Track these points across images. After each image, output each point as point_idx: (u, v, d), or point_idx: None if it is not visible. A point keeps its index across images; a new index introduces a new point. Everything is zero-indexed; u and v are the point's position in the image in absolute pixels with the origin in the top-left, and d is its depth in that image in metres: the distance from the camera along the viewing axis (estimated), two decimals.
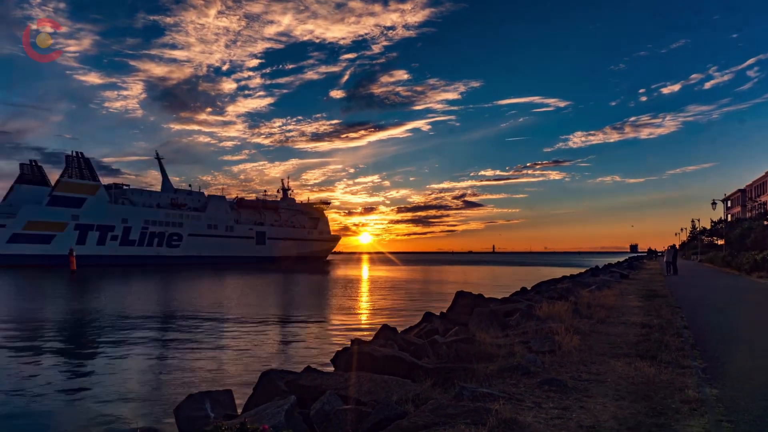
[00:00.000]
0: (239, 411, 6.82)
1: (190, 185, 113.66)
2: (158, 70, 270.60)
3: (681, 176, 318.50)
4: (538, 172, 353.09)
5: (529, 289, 25.38)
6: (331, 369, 8.98)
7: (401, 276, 65.61)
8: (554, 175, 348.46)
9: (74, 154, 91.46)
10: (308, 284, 50.66)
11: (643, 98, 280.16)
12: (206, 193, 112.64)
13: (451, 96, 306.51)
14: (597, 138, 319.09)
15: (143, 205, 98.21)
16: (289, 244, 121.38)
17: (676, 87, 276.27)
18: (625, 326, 11.27)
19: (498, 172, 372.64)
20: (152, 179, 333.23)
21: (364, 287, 46.07)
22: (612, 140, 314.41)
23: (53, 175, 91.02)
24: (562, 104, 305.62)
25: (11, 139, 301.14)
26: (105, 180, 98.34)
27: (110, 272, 68.71)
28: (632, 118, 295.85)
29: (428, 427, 4.71)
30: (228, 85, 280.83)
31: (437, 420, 4.82)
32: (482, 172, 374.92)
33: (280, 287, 45.93)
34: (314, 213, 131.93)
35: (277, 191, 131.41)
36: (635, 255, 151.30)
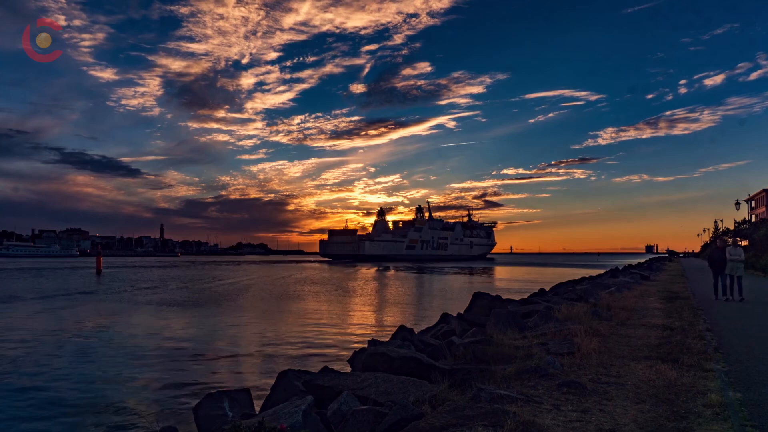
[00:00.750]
0: (257, 410, 6.87)
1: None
2: (175, 65, 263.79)
3: (713, 174, 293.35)
4: (562, 170, 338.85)
5: (547, 290, 25.16)
6: (348, 369, 9.01)
7: (420, 276, 65.53)
8: (579, 174, 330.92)
9: (426, 206, 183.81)
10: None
11: (683, 90, 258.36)
12: (451, 222, 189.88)
13: (476, 90, 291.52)
14: (628, 134, 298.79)
15: (434, 229, 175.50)
16: (479, 248, 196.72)
17: (719, 78, 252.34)
18: (646, 328, 11.10)
19: (521, 171, 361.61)
20: (171, 179, 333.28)
21: (384, 287, 46.09)
22: (644, 136, 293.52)
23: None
24: (593, 97, 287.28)
25: (30, 138, 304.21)
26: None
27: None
28: (668, 113, 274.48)
29: (445, 429, 4.69)
30: (246, 80, 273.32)
31: (454, 421, 4.80)
32: (505, 171, 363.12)
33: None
34: (490, 228, 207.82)
35: (469, 213, 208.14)
36: (655, 256, 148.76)
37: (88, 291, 40.46)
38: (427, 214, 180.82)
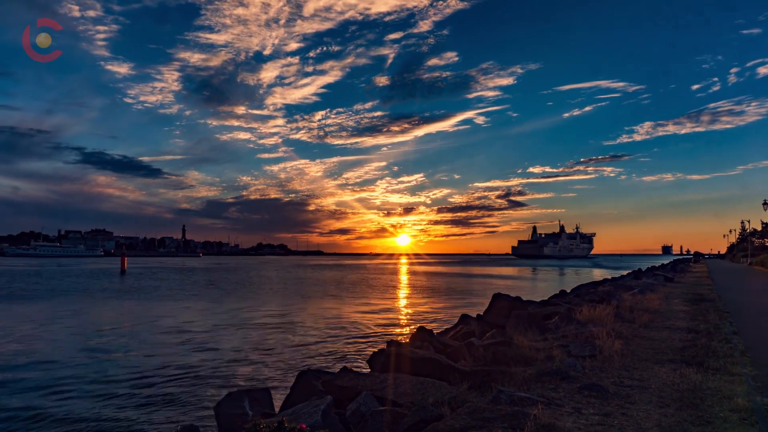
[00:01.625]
0: (277, 410, 6.91)
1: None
2: (194, 58, 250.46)
3: (752, 172, 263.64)
4: (591, 168, 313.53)
5: (568, 291, 24.87)
6: (367, 370, 9.01)
7: (438, 278, 65.32)
8: (608, 172, 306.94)
9: (576, 230, 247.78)
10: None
11: (733, 79, 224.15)
12: (572, 233, 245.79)
13: (506, 81, 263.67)
14: (666, 129, 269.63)
15: (566, 238, 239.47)
16: (587, 250, 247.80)
17: None
18: (670, 331, 10.91)
19: (547, 169, 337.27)
20: (192, 179, 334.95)
21: (403, 287, 46.08)
22: (683, 131, 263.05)
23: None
24: (632, 89, 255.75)
25: (50, 138, 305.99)
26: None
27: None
28: (711, 105, 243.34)
29: (465, 431, 4.66)
30: (267, 74, 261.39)
31: (474, 423, 4.77)
32: (531, 169, 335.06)
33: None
34: (591, 236, 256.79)
35: (577, 227, 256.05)
36: (678, 257, 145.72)
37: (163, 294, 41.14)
38: (557, 229, 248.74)
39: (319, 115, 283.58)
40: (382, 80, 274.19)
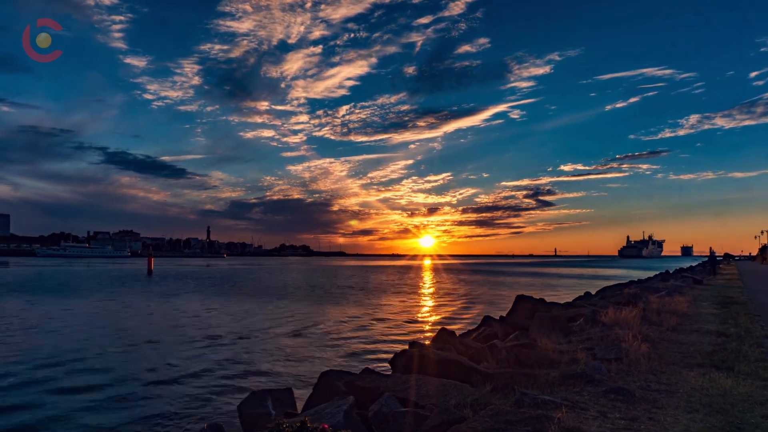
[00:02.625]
0: (299, 410, 6.96)
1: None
2: (215, 49, 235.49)
3: None
4: (626, 165, 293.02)
5: (593, 293, 24.51)
6: (389, 371, 9.01)
7: (462, 279, 65.00)
8: (644, 169, 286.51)
9: (650, 237, 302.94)
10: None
11: None
12: (657, 240, 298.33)
13: (541, 71, 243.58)
14: (714, 122, 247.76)
15: (650, 244, 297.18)
16: (660, 251, 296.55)
17: None
18: (699, 334, 10.66)
19: (579, 167, 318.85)
20: (215, 179, 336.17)
21: (424, 288, 45.97)
22: (731, 125, 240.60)
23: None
24: (680, 77, 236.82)
25: (71, 137, 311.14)
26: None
27: None
28: (766, 95, 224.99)
29: None
30: (291, 65, 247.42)
31: (496, 426, 4.73)
32: (562, 167, 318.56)
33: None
34: (662, 242, 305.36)
35: (650, 235, 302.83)
36: (705, 258, 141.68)
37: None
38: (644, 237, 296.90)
39: (343, 110, 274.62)
40: (409, 70, 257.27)
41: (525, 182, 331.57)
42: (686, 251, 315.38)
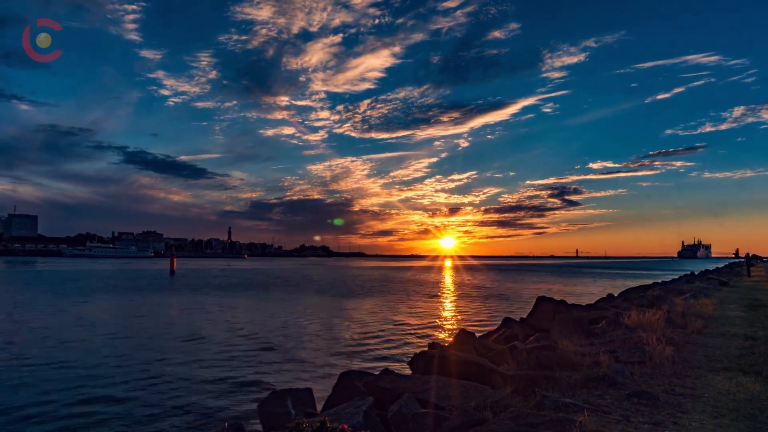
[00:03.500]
0: (318, 409, 6.99)
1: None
2: (232, 39, 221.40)
3: None
4: (658, 162, 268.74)
5: (616, 295, 24.15)
6: (409, 372, 9.00)
7: (483, 280, 64.64)
8: (678, 167, 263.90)
9: (699, 242, 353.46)
10: None
11: None
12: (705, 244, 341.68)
13: (575, 59, 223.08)
14: (760, 114, 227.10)
15: (702, 248, 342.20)
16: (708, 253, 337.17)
17: None
18: (726, 338, 10.42)
19: (609, 164, 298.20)
20: (236, 179, 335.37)
21: (444, 289, 45.82)
22: None
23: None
24: (729, 63, 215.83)
25: (91, 136, 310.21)
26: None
27: None
28: None
29: None
30: (310, 57, 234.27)
31: (517, 429, 4.68)
32: (591, 165, 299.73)
33: None
34: (708, 246, 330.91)
35: (699, 240, 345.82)
36: (738, 260, 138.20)
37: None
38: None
39: (365, 104, 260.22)
40: (434, 60, 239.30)
41: (551, 181, 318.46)
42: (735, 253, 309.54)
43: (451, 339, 12.67)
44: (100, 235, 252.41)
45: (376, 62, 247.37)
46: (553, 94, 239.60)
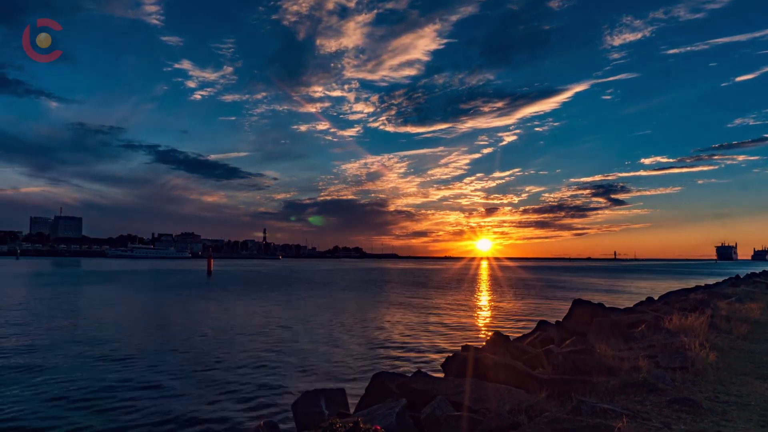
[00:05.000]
0: (351, 410, 7.02)
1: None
2: (261, 18, 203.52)
3: None
4: (718, 157, 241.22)
5: (656, 299, 23.47)
6: (441, 374, 8.95)
7: (517, 281, 63.82)
8: (740, 161, 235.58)
9: (736, 245, 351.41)
10: None
11: None
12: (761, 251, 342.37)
13: (639, 35, 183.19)
14: None
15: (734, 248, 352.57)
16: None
17: None
18: None
19: (663, 159, 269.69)
20: (269, 180, 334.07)
21: (478, 290, 45.41)
22: None
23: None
24: None
25: (120, 134, 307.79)
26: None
27: None
28: None
29: None
30: (346, 39, 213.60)
31: None
32: (643, 160, 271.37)
33: None
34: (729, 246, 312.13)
35: (735, 244, 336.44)
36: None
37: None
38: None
39: (402, 94, 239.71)
40: (478, 38, 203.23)
41: (597, 178, 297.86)
42: (724, 253, 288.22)
43: (484, 341, 12.54)
44: (141, 236, 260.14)
45: (417, 42, 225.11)
46: (610, 78, 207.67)
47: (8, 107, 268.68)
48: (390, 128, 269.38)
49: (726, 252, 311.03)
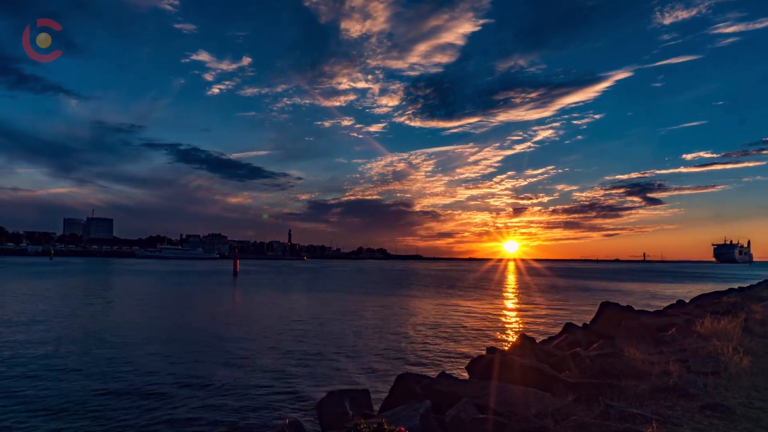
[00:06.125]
0: (375, 411, 7.02)
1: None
2: (280, 2, 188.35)
3: None
4: (767, 152, 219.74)
5: (687, 302, 22.91)
6: (466, 376, 8.90)
7: (543, 283, 63.07)
8: None
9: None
10: None
11: None
12: None
13: (694, 11, 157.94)
14: None
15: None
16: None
17: None
18: None
19: (707, 155, 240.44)
20: (292, 180, 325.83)
21: (504, 292, 45.00)
22: None
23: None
24: None
25: (140, 133, 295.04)
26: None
27: None
28: None
29: None
30: (370, 24, 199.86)
31: None
32: (684, 156, 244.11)
33: None
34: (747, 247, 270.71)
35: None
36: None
37: None
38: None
39: (431, 85, 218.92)
40: (510, 15, 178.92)
41: (634, 176, 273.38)
42: (724, 254, 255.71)
43: (509, 343, 12.42)
44: (169, 237, 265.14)
45: (449, 25, 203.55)
46: (659, 63, 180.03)
47: (27, 105, 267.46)
48: (416, 123, 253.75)
49: (730, 253, 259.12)
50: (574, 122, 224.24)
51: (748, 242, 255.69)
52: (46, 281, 51.41)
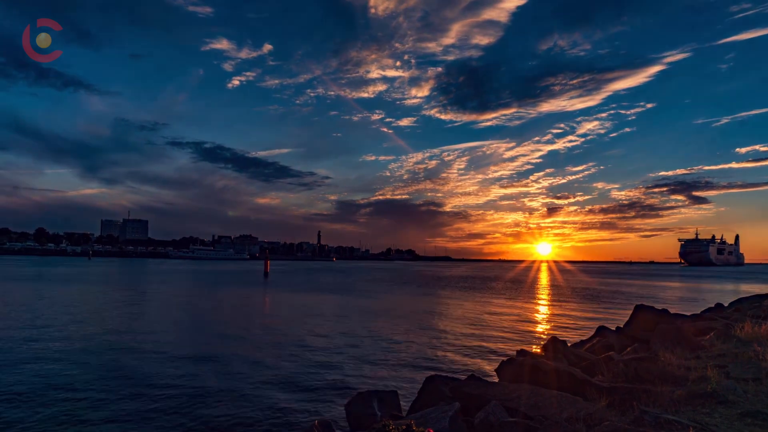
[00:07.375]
0: (404, 412, 7.02)
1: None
2: None
3: None
4: None
5: (725, 305, 22.19)
6: (495, 378, 8.81)
7: (576, 285, 61.98)
8: None
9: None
10: None
11: None
12: None
13: None
14: None
15: None
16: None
17: None
18: None
19: (763, 148, 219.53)
20: (320, 179, 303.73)
21: (535, 294, 44.41)
22: None
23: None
24: None
25: (164, 131, 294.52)
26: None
27: None
28: None
29: None
30: (405, 5, 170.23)
31: None
32: (738, 149, 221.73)
33: None
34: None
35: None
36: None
37: None
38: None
39: (464, 72, 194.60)
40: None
41: (680, 172, 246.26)
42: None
43: (539, 346, 12.24)
44: (202, 238, 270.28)
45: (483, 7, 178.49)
46: (723, 40, 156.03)
47: (49, 102, 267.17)
48: (448, 116, 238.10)
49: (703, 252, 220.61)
50: (622, 111, 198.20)
51: (736, 238, 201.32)
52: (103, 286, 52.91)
